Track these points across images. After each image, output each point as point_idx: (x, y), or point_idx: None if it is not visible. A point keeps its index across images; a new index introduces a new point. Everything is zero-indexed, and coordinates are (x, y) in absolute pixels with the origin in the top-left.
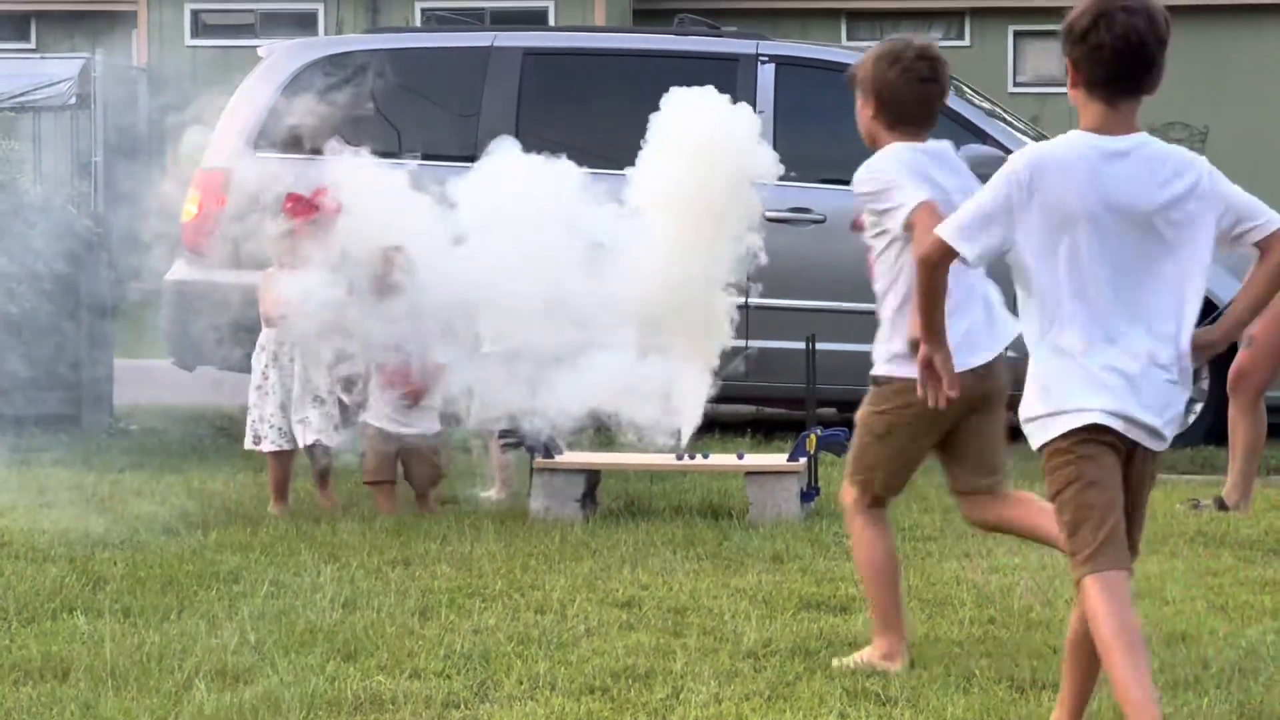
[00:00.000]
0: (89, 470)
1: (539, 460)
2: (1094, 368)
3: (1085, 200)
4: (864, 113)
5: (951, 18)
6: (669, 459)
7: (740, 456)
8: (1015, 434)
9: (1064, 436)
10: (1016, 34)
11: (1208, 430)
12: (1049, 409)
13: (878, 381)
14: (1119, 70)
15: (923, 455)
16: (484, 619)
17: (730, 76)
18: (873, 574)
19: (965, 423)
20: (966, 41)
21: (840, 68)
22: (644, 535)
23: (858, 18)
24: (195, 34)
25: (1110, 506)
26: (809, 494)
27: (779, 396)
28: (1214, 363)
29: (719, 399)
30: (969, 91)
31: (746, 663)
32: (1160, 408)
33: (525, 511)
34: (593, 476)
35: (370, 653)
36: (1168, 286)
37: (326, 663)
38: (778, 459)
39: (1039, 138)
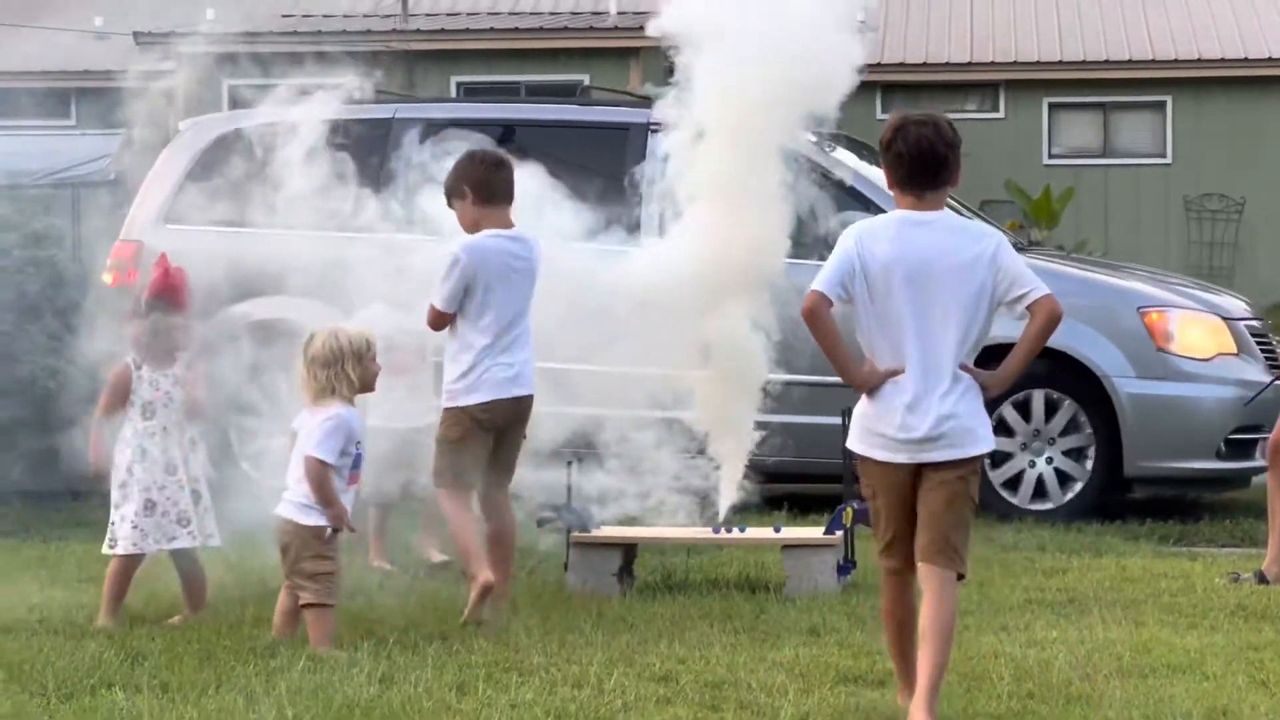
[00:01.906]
0: None
1: (575, 535)
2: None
3: (893, 255)
4: (464, 212)
5: (986, 90)
6: (706, 532)
7: (777, 529)
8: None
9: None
10: (1051, 106)
11: (1086, 506)
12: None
13: None
14: (916, 171)
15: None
16: (521, 694)
17: (621, 145)
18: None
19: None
20: (1001, 114)
21: None
22: (681, 609)
23: (893, 90)
24: (233, 109)
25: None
26: (845, 567)
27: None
28: (1101, 437)
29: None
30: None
31: None
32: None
33: (562, 586)
34: (629, 550)
35: None
36: (953, 331)
37: None
38: (814, 532)
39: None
